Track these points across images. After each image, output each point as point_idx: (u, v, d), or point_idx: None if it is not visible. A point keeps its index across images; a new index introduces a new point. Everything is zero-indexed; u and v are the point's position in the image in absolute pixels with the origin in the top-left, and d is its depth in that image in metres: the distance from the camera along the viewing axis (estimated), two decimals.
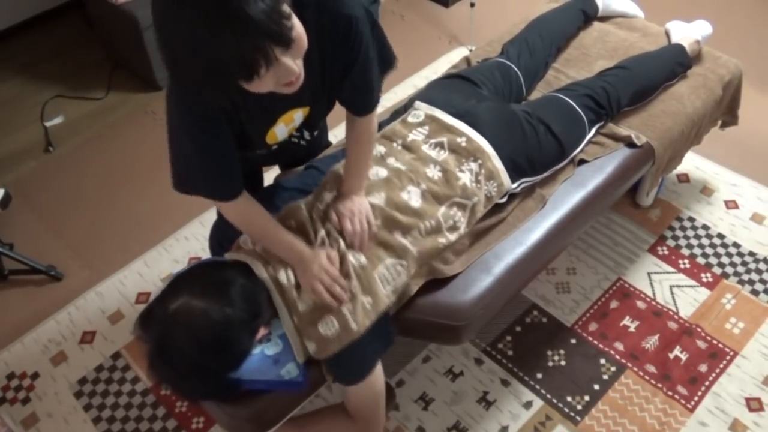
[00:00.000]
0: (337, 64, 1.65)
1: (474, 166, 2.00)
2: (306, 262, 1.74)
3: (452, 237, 1.94)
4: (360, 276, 1.77)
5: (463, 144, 2.01)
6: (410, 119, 2.09)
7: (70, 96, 3.60)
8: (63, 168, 3.24)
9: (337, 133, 2.48)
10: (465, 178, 1.97)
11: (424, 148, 2.00)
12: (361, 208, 1.84)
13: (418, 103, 2.13)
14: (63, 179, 3.18)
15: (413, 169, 1.95)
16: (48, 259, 2.79)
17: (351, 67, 1.66)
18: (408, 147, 2.01)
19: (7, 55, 3.86)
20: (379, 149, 2.01)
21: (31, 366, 2.50)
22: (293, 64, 1.37)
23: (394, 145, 2.02)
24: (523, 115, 2.15)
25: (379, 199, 1.88)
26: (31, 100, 3.58)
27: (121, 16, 3.33)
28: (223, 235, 1.96)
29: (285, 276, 1.75)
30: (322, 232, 1.83)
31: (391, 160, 1.97)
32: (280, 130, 1.74)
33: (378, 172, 1.95)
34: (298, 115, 1.73)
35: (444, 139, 2.02)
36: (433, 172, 1.96)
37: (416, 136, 2.03)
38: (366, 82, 1.72)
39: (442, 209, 1.93)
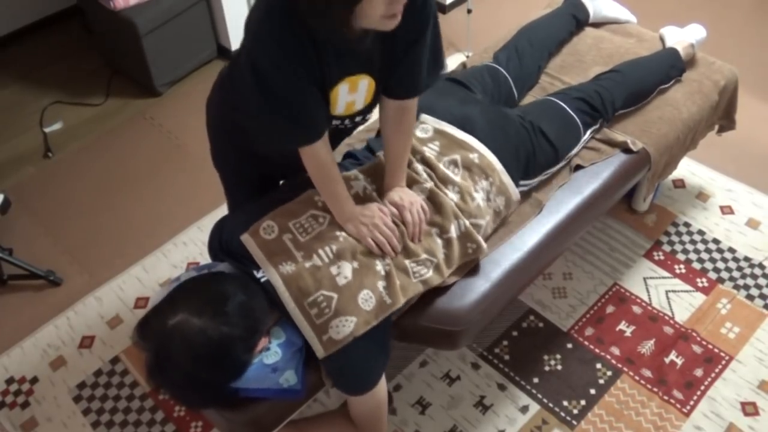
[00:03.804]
0: (404, 38, 1.68)
1: (486, 184, 2.02)
2: (356, 217, 1.82)
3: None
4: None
5: (476, 161, 2.03)
6: (419, 134, 2.08)
7: (69, 102, 3.61)
8: (62, 174, 3.25)
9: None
10: (479, 198, 2.00)
11: (442, 166, 2.01)
12: (412, 199, 1.90)
13: (424, 117, 2.12)
14: (62, 185, 3.19)
15: (436, 186, 1.97)
16: (47, 264, 2.80)
17: (415, 43, 1.69)
18: (426, 162, 2.01)
19: (7, 62, 3.88)
20: None
21: (31, 370, 2.50)
22: None
23: (415, 160, 2.02)
24: (517, 118, 2.17)
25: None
26: (31, 106, 3.59)
27: (120, 22, 3.34)
28: (221, 240, 1.96)
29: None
30: None
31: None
32: (343, 95, 1.73)
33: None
34: (363, 83, 1.73)
35: (457, 156, 2.03)
36: (453, 194, 1.97)
37: (430, 152, 2.03)
38: (421, 63, 1.75)
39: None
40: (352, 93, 1.74)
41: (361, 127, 2.05)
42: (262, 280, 1.75)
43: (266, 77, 1.60)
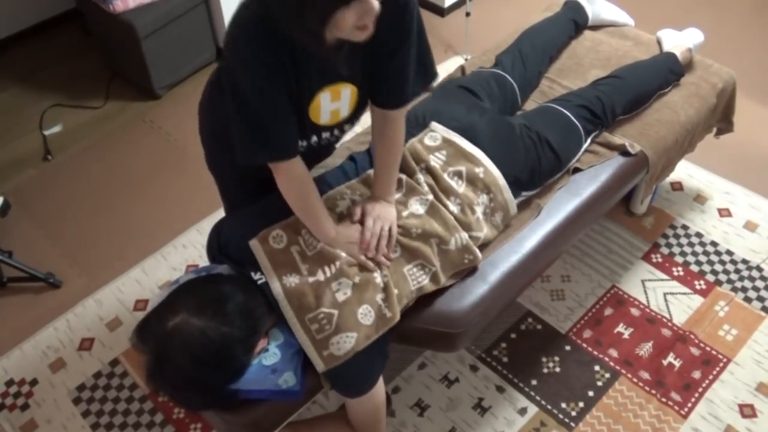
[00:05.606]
0: (385, 46, 1.66)
1: (486, 199, 2.02)
2: (341, 238, 1.80)
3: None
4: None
5: (481, 175, 2.02)
6: (427, 141, 2.07)
7: (68, 105, 3.61)
8: (61, 176, 3.25)
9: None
10: (479, 211, 2.00)
11: (446, 176, 2.00)
12: (387, 215, 1.86)
13: (434, 125, 2.11)
14: (61, 187, 3.19)
15: (436, 198, 1.97)
16: (47, 267, 2.80)
17: (396, 51, 1.68)
18: (430, 171, 2.01)
19: (6, 64, 3.88)
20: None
21: (30, 372, 2.51)
22: (376, 2, 1.43)
23: (418, 170, 2.01)
24: (523, 129, 2.17)
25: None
26: (30, 109, 3.59)
27: (120, 25, 3.35)
28: (220, 242, 1.97)
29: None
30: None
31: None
32: (325, 104, 1.71)
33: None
34: (345, 91, 1.72)
35: (463, 169, 2.02)
36: (453, 206, 1.97)
37: (436, 162, 2.02)
38: (405, 72, 1.73)
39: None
40: (335, 101, 1.73)
41: (359, 130, 2.04)
42: (260, 282, 1.76)
43: (242, 88, 1.59)
